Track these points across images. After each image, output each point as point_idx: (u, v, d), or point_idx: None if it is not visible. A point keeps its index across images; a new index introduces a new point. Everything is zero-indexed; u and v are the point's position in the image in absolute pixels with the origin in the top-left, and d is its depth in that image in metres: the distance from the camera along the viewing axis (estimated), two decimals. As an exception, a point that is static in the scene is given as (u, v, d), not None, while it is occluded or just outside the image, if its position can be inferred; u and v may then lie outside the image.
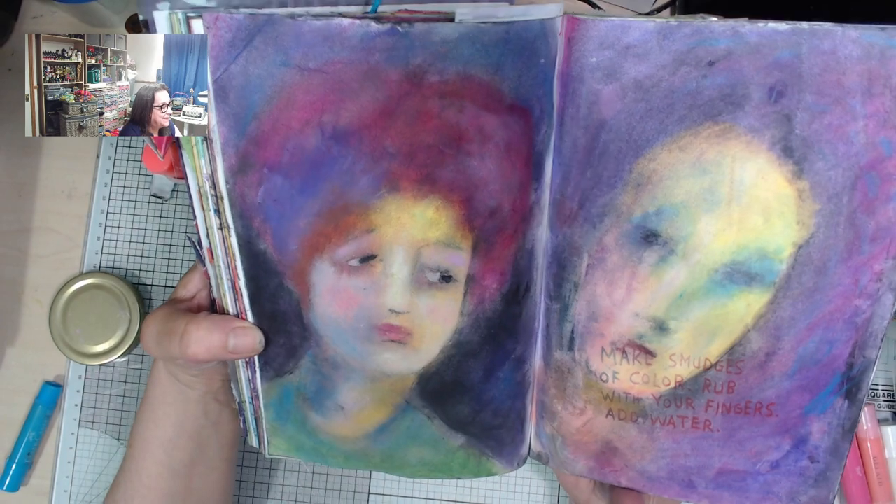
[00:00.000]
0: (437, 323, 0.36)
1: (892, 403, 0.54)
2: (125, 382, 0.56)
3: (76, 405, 0.56)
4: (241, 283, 0.36)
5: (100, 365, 0.55)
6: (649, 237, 0.34)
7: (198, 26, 0.32)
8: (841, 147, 0.32)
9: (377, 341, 0.36)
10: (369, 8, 0.33)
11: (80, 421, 0.56)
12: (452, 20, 0.31)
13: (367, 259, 0.35)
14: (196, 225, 0.36)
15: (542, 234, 0.36)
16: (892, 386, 0.54)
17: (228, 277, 0.36)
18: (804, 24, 0.31)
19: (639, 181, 0.34)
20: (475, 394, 0.38)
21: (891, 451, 0.52)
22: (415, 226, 0.34)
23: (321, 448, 0.40)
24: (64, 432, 0.56)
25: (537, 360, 0.39)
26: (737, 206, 0.33)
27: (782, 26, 0.31)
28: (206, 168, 0.34)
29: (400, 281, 0.35)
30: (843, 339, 0.34)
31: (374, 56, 0.31)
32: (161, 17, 0.32)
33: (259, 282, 0.36)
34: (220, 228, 0.35)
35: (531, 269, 0.37)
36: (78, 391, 0.56)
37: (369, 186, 0.33)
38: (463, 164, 0.33)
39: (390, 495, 0.55)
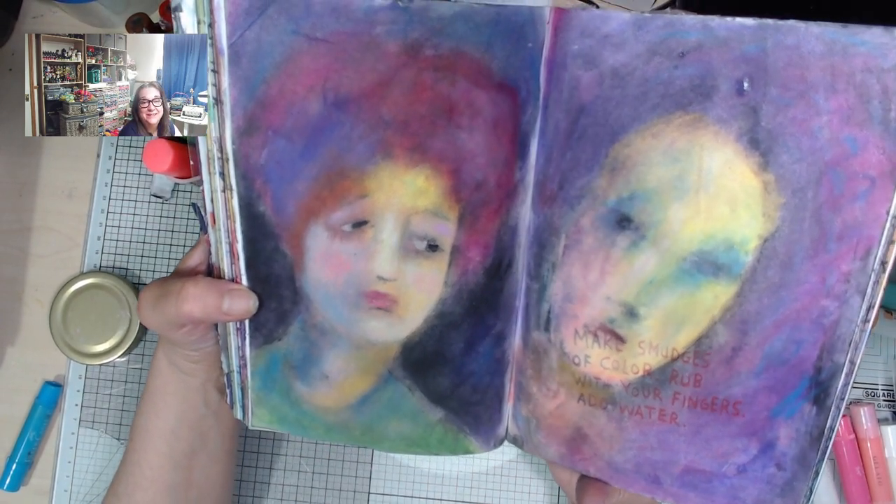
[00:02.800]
0: (422, 292, 0.38)
1: (891, 403, 0.54)
2: (125, 382, 0.56)
3: (76, 405, 0.56)
4: (239, 245, 0.37)
5: (100, 365, 0.55)
6: (622, 221, 0.36)
7: None
8: (805, 141, 0.33)
9: (364, 308, 0.38)
10: None
11: (80, 420, 0.56)
12: None
13: (359, 225, 0.37)
14: (203, 191, 0.37)
15: (525, 213, 0.38)
16: (891, 385, 0.54)
17: (227, 241, 0.38)
18: (770, 20, 0.32)
19: (614, 166, 0.35)
20: (455, 366, 0.39)
21: (890, 450, 0.52)
22: (405, 193, 0.36)
23: (303, 419, 0.41)
24: (64, 432, 0.56)
25: (517, 340, 0.40)
26: (704, 195, 0.34)
27: (749, 21, 0.32)
28: (215, 131, 0.35)
29: (389, 247, 0.37)
30: (810, 340, 0.34)
31: (375, 28, 0.34)
32: None
33: (256, 244, 0.37)
34: (224, 190, 0.36)
35: (514, 247, 0.38)
36: (78, 391, 0.56)
37: (365, 152, 0.36)
38: (453, 135, 0.36)
39: (390, 495, 0.55)
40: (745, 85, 0.33)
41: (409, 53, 0.34)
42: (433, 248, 0.37)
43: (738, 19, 0.32)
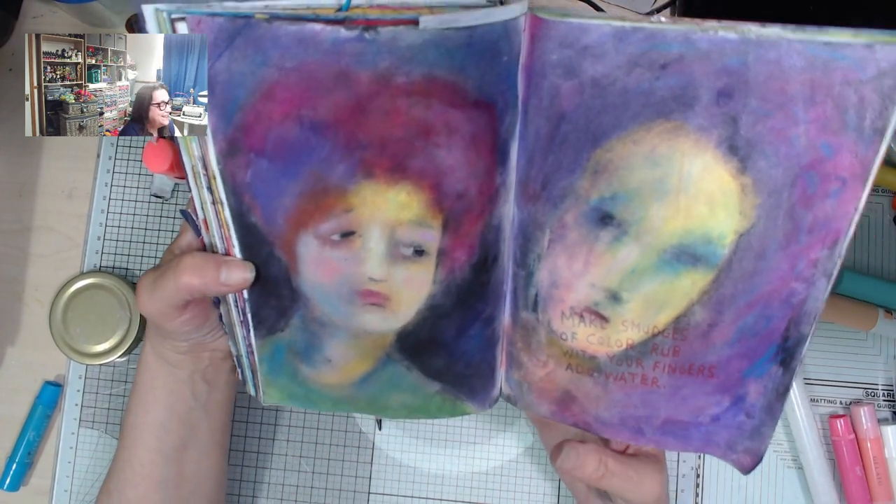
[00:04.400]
0: (412, 290, 0.39)
1: (891, 403, 0.54)
2: (125, 382, 0.56)
3: (76, 405, 0.56)
4: (236, 250, 0.38)
5: (100, 364, 0.55)
6: (605, 218, 0.37)
7: (182, 28, 0.33)
8: (783, 148, 0.34)
9: (358, 304, 0.39)
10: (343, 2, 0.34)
11: (80, 420, 0.56)
12: (417, 23, 0.33)
13: (347, 234, 0.37)
14: (192, 199, 0.37)
15: (508, 211, 0.39)
16: (891, 385, 0.54)
17: (223, 247, 0.38)
18: (752, 34, 0.32)
19: (596, 169, 0.36)
20: (448, 349, 0.41)
21: (890, 450, 0.52)
22: (389, 208, 0.37)
23: (311, 395, 0.43)
24: (64, 432, 0.56)
25: (506, 317, 0.42)
26: (684, 196, 0.35)
27: (731, 35, 0.33)
28: (197, 150, 0.36)
29: (377, 254, 0.38)
30: (780, 315, 0.37)
31: (343, 59, 0.33)
32: (149, 14, 0.33)
33: (252, 249, 0.38)
34: (213, 203, 0.37)
35: (498, 242, 0.39)
36: (78, 391, 0.56)
37: (346, 172, 0.36)
38: (431, 154, 0.36)
39: (390, 495, 0.55)
40: (726, 96, 0.33)
41: (380, 82, 0.34)
42: (420, 252, 0.38)
43: (721, 32, 0.33)
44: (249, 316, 0.40)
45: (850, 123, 0.33)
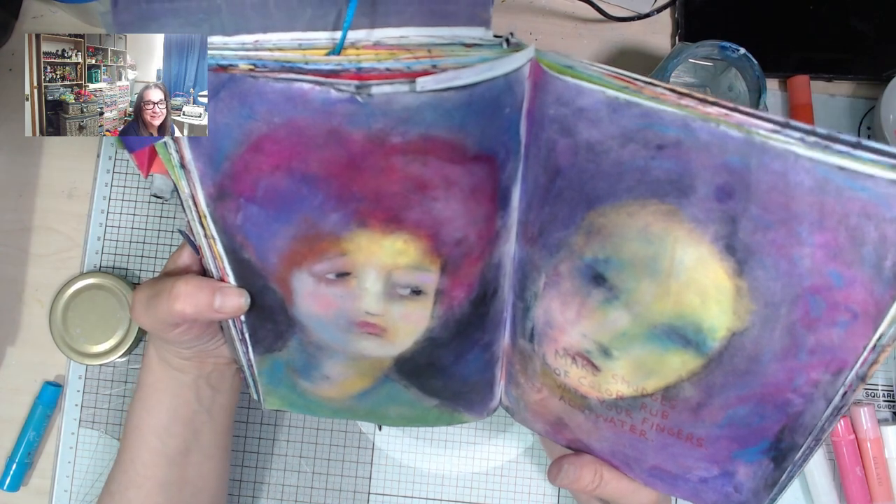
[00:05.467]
0: (409, 324, 0.39)
1: (892, 403, 0.54)
2: (125, 382, 0.56)
3: (76, 405, 0.56)
4: (230, 279, 0.38)
5: (100, 365, 0.55)
6: (597, 278, 0.35)
7: None
8: (783, 264, 0.31)
9: (356, 333, 0.39)
10: (336, 35, 0.33)
11: (80, 421, 0.56)
12: (413, 81, 0.30)
13: (342, 275, 0.37)
14: (188, 225, 0.37)
15: (510, 249, 0.38)
16: (891, 386, 0.54)
17: (217, 274, 0.38)
18: (757, 137, 0.29)
19: (590, 230, 0.34)
20: (447, 372, 0.41)
21: (890, 451, 0.52)
22: (384, 254, 0.36)
23: (311, 405, 0.44)
24: (64, 432, 0.56)
25: (506, 340, 0.41)
26: (675, 282, 0.33)
27: (734, 132, 0.30)
28: (187, 188, 0.35)
29: (373, 293, 0.37)
30: (773, 418, 0.35)
31: (335, 118, 0.32)
32: None
33: (246, 280, 0.38)
34: (206, 237, 0.37)
35: (498, 277, 0.39)
36: (78, 391, 0.56)
37: (340, 221, 0.35)
38: (428, 206, 0.34)
39: (390, 495, 0.55)
40: (725, 194, 0.31)
41: (374, 142, 0.32)
42: (417, 292, 0.37)
43: (723, 126, 0.30)
44: (247, 335, 0.40)
45: (866, 259, 0.30)
